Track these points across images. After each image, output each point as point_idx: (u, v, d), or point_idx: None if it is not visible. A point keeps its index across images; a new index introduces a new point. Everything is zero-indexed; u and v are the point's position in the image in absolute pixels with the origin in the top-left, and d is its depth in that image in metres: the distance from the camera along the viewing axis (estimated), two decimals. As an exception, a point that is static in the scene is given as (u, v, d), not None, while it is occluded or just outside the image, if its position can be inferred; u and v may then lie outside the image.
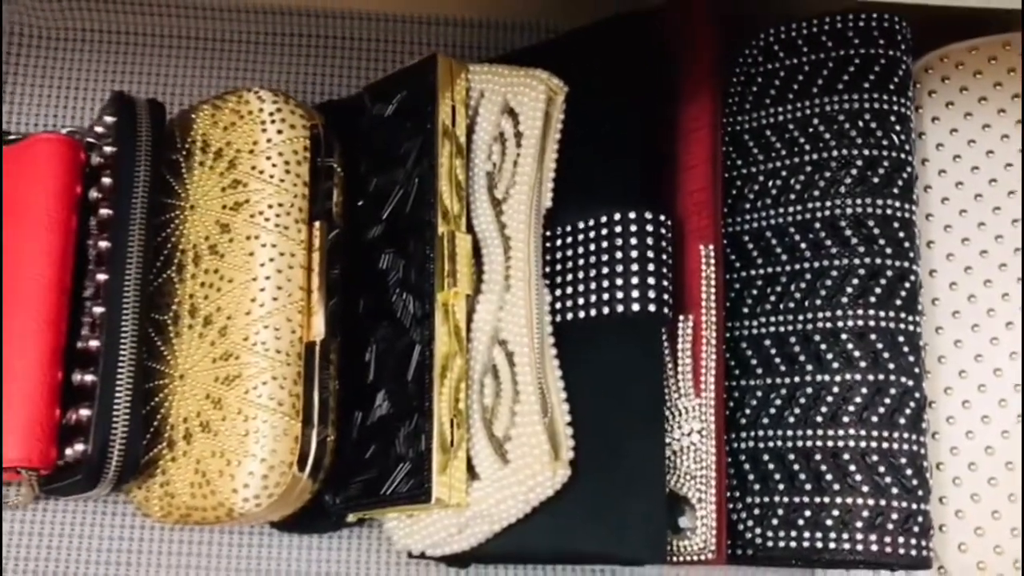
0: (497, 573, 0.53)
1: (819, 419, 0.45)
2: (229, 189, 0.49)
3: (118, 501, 0.52)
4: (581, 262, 0.47)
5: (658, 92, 0.48)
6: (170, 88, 0.58)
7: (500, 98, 0.49)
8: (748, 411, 0.47)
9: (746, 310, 0.49)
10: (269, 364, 0.46)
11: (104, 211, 0.47)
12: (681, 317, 0.46)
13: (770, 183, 0.50)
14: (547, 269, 0.48)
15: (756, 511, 0.46)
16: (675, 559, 0.44)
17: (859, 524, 0.43)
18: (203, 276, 0.48)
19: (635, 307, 0.45)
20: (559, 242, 0.48)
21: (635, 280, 0.45)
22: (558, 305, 0.47)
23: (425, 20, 0.59)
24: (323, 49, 0.59)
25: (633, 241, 0.46)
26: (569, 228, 0.47)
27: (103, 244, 0.47)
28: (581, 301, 0.46)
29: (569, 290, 0.47)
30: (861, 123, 0.48)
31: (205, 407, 0.46)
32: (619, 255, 0.46)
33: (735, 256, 0.50)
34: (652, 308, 0.45)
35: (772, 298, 0.48)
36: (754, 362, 0.48)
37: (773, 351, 0.47)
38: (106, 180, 0.48)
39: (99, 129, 0.50)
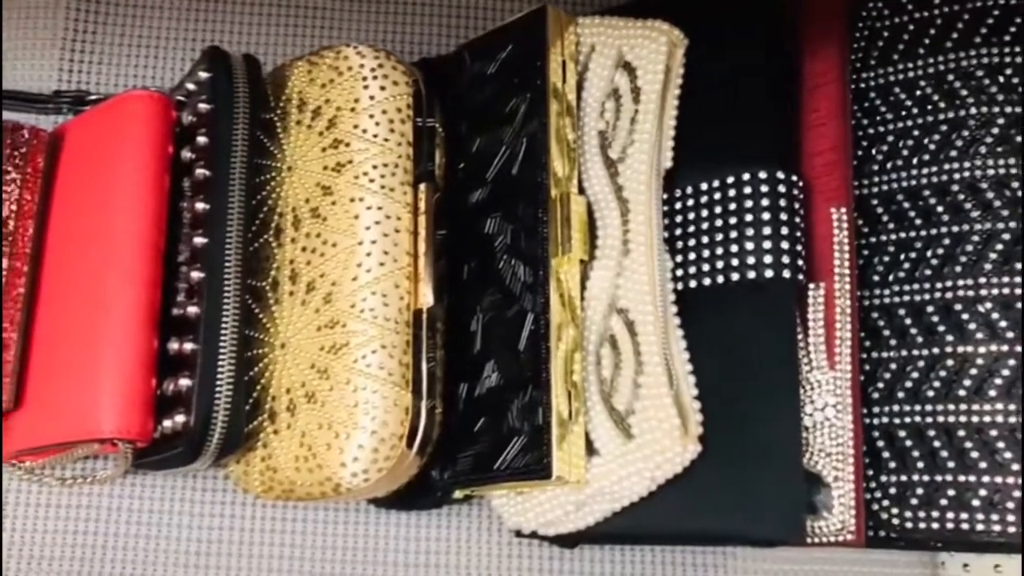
0: (594, 553, 0.51)
1: (962, 393, 0.42)
2: (330, 149, 0.46)
3: (207, 476, 0.50)
4: (705, 226, 0.44)
5: (787, 44, 0.45)
6: (251, 48, 0.56)
7: (614, 52, 0.46)
8: (881, 384, 0.44)
9: (876, 278, 0.46)
10: (378, 332, 0.43)
11: (200, 171, 0.45)
12: (811, 285, 0.43)
13: (900, 143, 0.46)
14: (666, 234, 0.45)
15: (892, 490, 0.43)
16: (810, 540, 0.41)
17: (1010, 505, 0.41)
18: (304, 240, 0.46)
19: (768, 273, 0.42)
20: (679, 205, 0.45)
21: (767, 245, 0.42)
22: (679, 272, 0.44)
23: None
24: (409, 6, 0.57)
25: (764, 203, 0.43)
26: (690, 189, 0.45)
27: (200, 206, 0.44)
28: (706, 267, 0.44)
29: (692, 255, 0.44)
30: (1002, 78, 0.45)
31: (310, 377, 0.44)
32: (749, 218, 0.43)
33: (862, 221, 0.47)
34: (787, 274, 0.42)
35: (906, 265, 0.45)
36: (887, 333, 0.45)
37: (908, 321, 0.44)
38: (201, 139, 0.45)
39: (191, 86, 0.47)
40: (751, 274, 0.42)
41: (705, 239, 0.44)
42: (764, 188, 0.43)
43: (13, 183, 0.46)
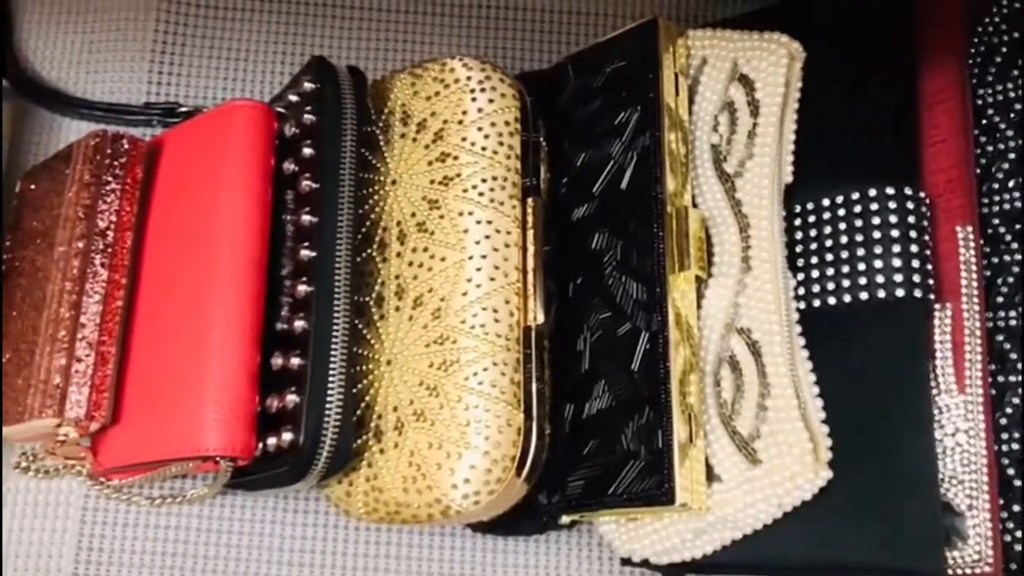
0: None
1: (1098, 420, 0.41)
2: (436, 162, 0.45)
3: (296, 497, 0.49)
4: (828, 243, 0.43)
5: (911, 57, 0.44)
6: (340, 59, 0.55)
7: (728, 64, 0.45)
8: (1009, 410, 0.42)
9: (1000, 299, 0.44)
10: (489, 348, 0.42)
11: (307, 184, 0.44)
12: (937, 305, 0.42)
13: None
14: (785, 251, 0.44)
15: (1026, 521, 0.41)
16: (949, 572, 0.40)
17: None
18: (410, 255, 0.45)
19: (899, 292, 0.40)
20: (798, 221, 0.44)
21: (897, 263, 0.41)
22: (800, 290, 0.43)
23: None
24: (499, 20, 0.56)
25: (892, 219, 0.41)
26: (811, 205, 0.43)
27: (307, 219, 0.43)
28: (830, 286, 0.42)
29: (815, 274, 0.43)
30: None
31: (419, 394, 0.42)
32: (876, 235, 0.41)
33: (983, 241, 0.45)
34: (918, 293, 0.40)
35: (1033, 286, 0.44)
36: (1013, 356, 0.43)
37: (1037, 344, 0.43)
38: (307, 151, 0.45)
39: (293, 97, 0.47)
40: (880, 293, 0.41)
41: (829, 257, 0.42)
42: (892, 204, 0.41)
43: (113, 194, 0.45)
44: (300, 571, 0.48)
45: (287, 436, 0.41)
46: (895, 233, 0.41)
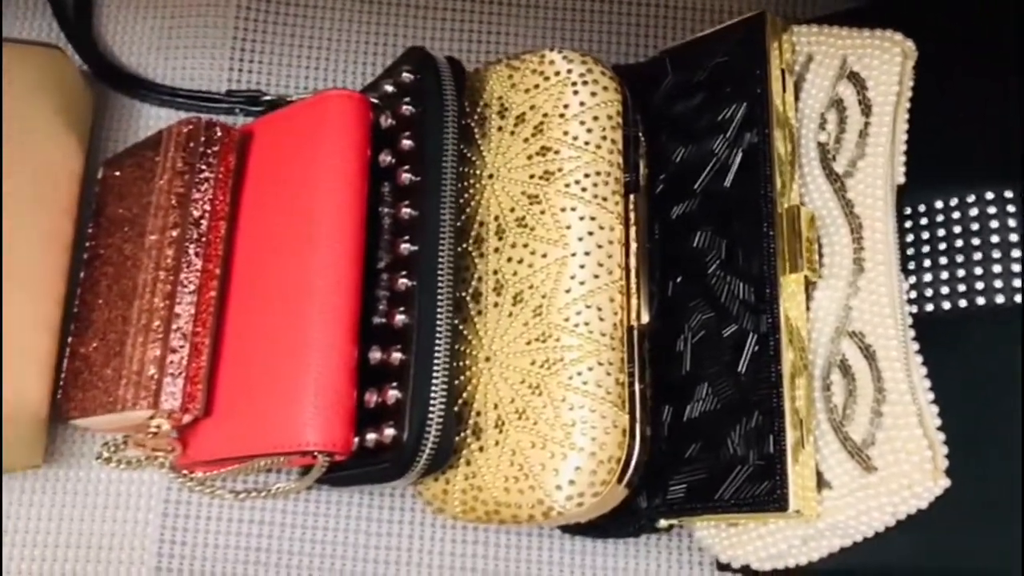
0: None
1: None
2: (537, 157, 0.44)
3: (383, 494, 0.48)
4: (942, 246, 0.41)
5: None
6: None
7: (836, 62, 0.44)
8: None
9: (1116, 306, 0.43)
10: (594, 347, 0.41)
11: (407, 176, 0.43)
12: (1051, 314, 0.41)
13: None
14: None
15: None
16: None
17: None
18: (509, 251, 0.44)
19: (1017, 298, 0.39)
20: (909, 223, 0.42)
21: (1016, 268, 0.40)
22: (912, 294, 0.42)
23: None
24: (589, 13, 0.55)
25: (1011, 223, 0.40)
26: (923, 208, 0.42)
27: (407, 212, 0.43)
28: (944, 290, 0.41)
29: (927, 277, 0.41)
30: None
31: (521, 392, 0.42)
32: (994, 239, 0.40)
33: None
34: (1041, 299, 0.40)
35: None
36: None
37: None
38: (406, 143, 0.44)
39: (389, 88, 0.46)
40: (999, 299, 0.40)
41: (942, 260, 0.41)
42: (1011, 208, 0.40)
43: (207, 182, 0.45)
44: (386, 568, 0.47)
45: (389, 432, 0.40)
46: (1014, 237, 0.40)
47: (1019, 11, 0.43)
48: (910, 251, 0.42)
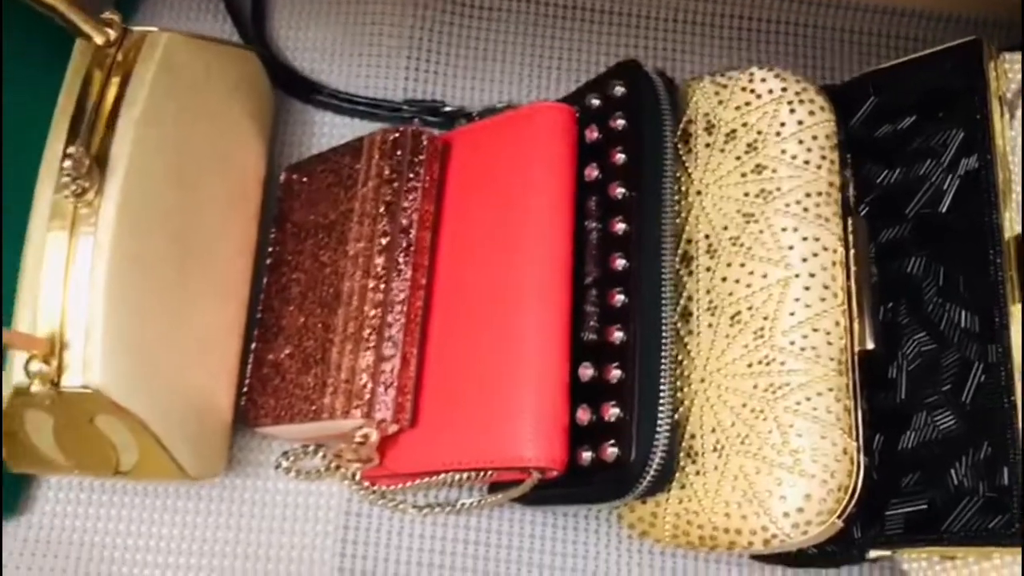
0: None
1: None
2: (752, 175, 0.43)
3: (567, 514, 0.47)
4: None
5: None
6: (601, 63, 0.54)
7: (1054, 90, 0.44)
8: None
9: None
10: (822, 372, 0.40)
11: (620, 191, 0.42)
12: None
13: None
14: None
15: None
16: None
17: None
18: (724, 270, 0.43)
19: None
20: None
21: None
22: None
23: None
24: (752, 33, 0.55)
25: None
26: None
27: (620, 227, 0.42)
28: None
29: None
30: None
31: (743, 416, 0.41)
32: None
33: None
34: None
35: None
36: None
37: None
38: (619, 157, 0.43)
39: (595, 101, 0.45)
40: None
41: None
42: None
43: (414, 191, 0.44)
44: (571, 591, 0.46)
45: (612, 451, 0.39)
46: None
47: None
48: None
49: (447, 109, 0.52)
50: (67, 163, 0.37)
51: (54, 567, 0.46)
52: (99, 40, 0.41)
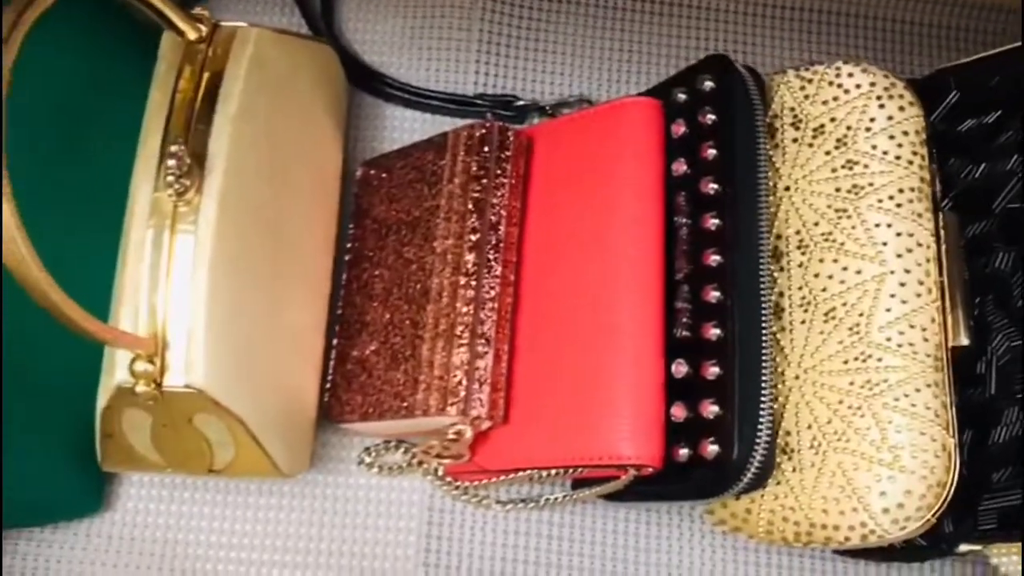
0: None
1: None
2: (842, 170, 0.43)
3: (649, 509, 0.47)
4: None
5: None
6: (675, 58, 0.54)
7: None
8: None
9: None
10: (920, 369, 0.40)
11: (712, 187, 0.42)
12: None
13: None
14: None
15: None
16: None
17: None
18: (816, 266, 0.43)
19: None
20: None
21: None
22: None
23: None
24: (850, 28, 0.55)
25: None
26: None
27: (713, 223, 0.42)
28: None
29: None
30: None
31: (840, 413, 0.41)
32: None
33: None
34: None
35: None
36: None
37: None
38: (711, 152, 0.43)
39: (681, 96, 0.45)
40: None
41: None
42: None
43: (502, 188, 0.44)
44: (658, 586, 0.46)
45: (712, 448, 0.39)
46: None
47: None
48: None
49: (520, 103, 0.52)
50: (171, 162, 0.37)
51: (139, 564, 0.46)
52: (192, 36, 0.40)
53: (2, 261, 0.31)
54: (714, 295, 0.42)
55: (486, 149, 0.44)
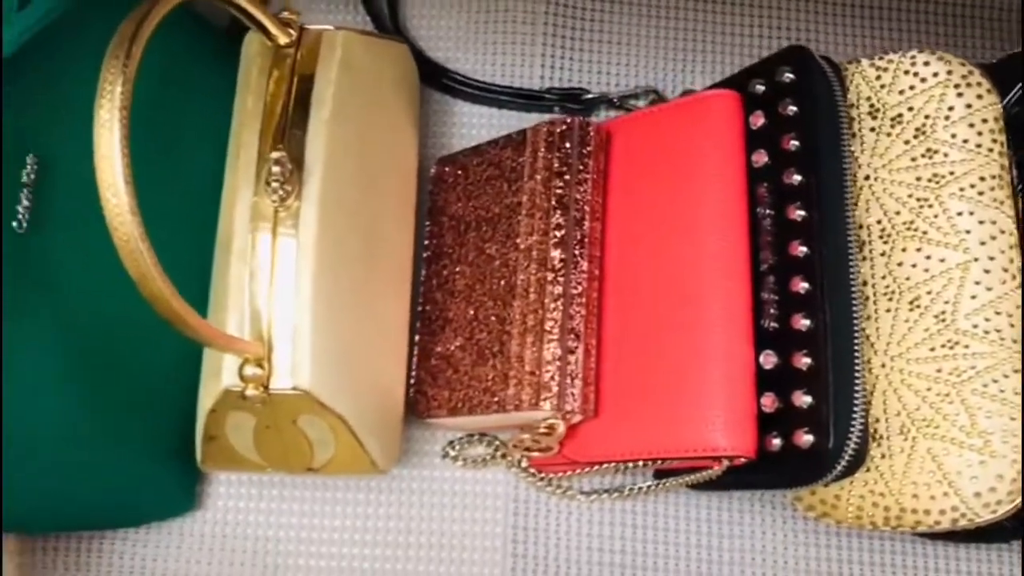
0: None
1: None
2: (922, 159, 0.44)
3: (731, 496, 0.48)
4: None
5: None
6: (738, 50, 0.54)
7: None
8: None
9: None
10: (1007, 355, 0.41)
11: (797, 178, 0.43)
12: None
13: None
14: None
15: None
16: None
17: None
18: (899, 255, 0.43)
19: None
20: None
21: None
22: None
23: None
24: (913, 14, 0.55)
25: None
26: None
27: (799, 214, 0.42)
28: None
29: None
30: None
31: (929, 399, 0.41)
32: None
33: None
34: None
35: None
36: None
37: None
38: (793, 143, 0.43)
39: (759, 87, 0.45)
40: None
41: None
42: None
43: (584, 183, 0.44)
44: (741, 570, 0.47)
45: (807, 438, 0.40)
46: None
47: None
48: None
49: (589, 96, 0.52)
50: (275, 168, 0.37)
51: (232, 560, 0.47)
52: (283, 40, 0.41)
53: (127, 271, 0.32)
54: (802, 286, 0.42)
55: (567, 145, 0.45)
